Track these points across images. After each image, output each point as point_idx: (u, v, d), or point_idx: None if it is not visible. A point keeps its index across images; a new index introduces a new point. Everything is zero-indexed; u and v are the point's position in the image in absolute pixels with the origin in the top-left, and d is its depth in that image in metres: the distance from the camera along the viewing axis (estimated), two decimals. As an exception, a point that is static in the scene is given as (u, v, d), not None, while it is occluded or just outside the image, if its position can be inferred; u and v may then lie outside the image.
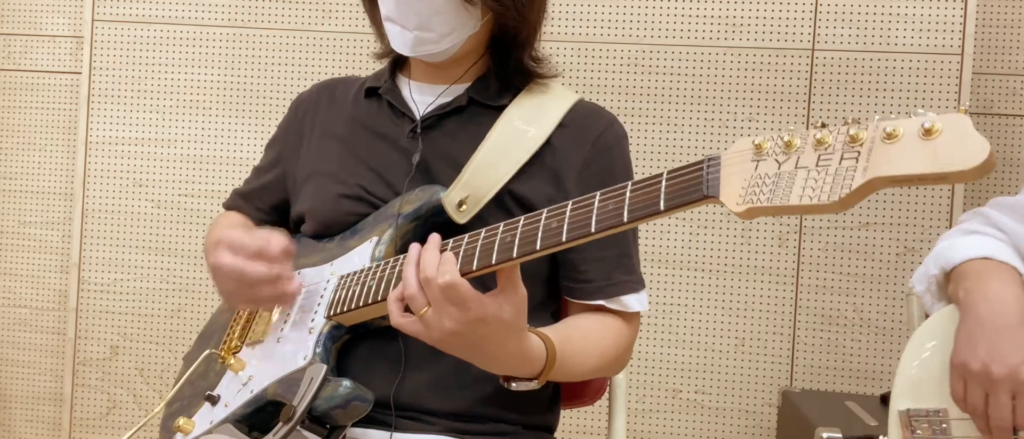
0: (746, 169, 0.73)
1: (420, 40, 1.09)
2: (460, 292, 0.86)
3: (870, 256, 2.09)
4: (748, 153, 0.73)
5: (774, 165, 0.71)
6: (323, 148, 1.20)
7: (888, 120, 0.67)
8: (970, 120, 0.64)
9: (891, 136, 0.66)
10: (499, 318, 0.89)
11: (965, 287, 1.15)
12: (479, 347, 0.91)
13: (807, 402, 1.85)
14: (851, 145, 0.68)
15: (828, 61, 2.09)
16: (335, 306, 1.03)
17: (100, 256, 2.28)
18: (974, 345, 1.09)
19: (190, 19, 2.25)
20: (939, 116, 0.65)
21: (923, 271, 1.26)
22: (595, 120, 1.15)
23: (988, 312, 1.10)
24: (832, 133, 0.69)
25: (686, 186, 0.76)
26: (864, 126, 0.68)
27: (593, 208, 0.82)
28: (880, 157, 0.66)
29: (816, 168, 0.69)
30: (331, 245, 1.13)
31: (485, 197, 1.06)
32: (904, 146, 0.65)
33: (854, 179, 0.66)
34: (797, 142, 0.71)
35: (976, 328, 1.10)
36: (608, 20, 2.14)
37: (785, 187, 0.69)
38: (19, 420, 2.38)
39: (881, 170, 0.65)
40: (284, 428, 0.94)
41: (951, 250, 1.22)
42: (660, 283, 2.14)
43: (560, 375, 1.03)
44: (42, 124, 2.36)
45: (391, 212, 1.08)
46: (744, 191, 0.71)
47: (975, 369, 1.08)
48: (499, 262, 0.87)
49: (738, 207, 0.71)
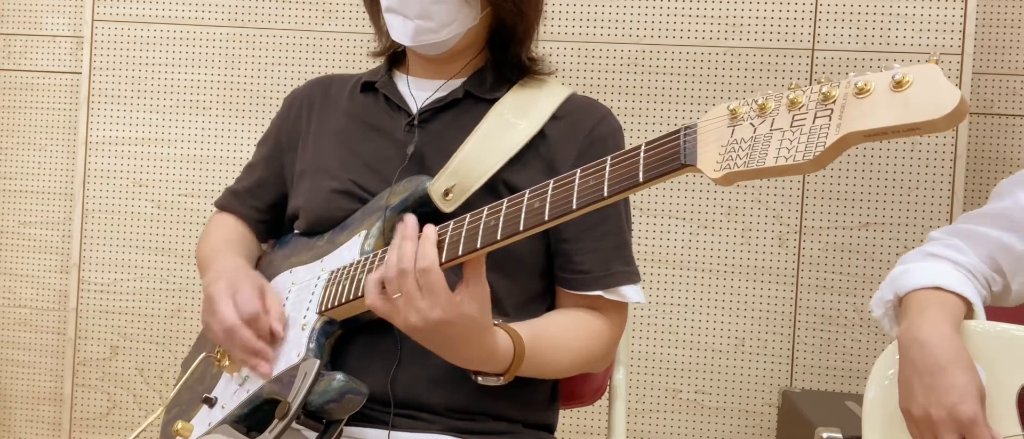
0: (722, 135, 0.72)
1: (420, 29, 1.10)
2: (432, 281, 0.88)
3: (870, 256, 2.09)
4: (723, 119, 0.73)
5: (749, 129, 0.71)
6: (319, 144, 1.20)
7: (860, 75, 0.67)
8: (941, 70, 0.64)
9: (863, 91, 0.65)
10: (463, 316, 0.90)
11: (903, 328, 1.16)
12: (442, 345, 0.93)
13: (807, 402, 1.84)
14: (824, 103, 0.68)
15: (828, 61, 2.09)
16: (326, 302, 1.03)
17: (100, 256, 2.28)
18: (912, 391, 1.11)
19: (190, 19, 2.25)
20: (909, 67, 0.65)
21: (880, 296, 1.27)
22: (590, 112, 1.16)
23: (920, 355, 1.11)
24: (805, 93, 0.69)
25: (664, 156, 0.75)
26: (837, 84, 0.68)
27: (574, 185, 0.82)
28: (853, 112, 0.65)
29: (790, 129, 0.68)
30: (322, 242, 1.13)
31: (473, 186, 1.06)
32: (876, 99, 0.65)
33: (828, 136, 0.65)
34: (771, 105, 0.70)
35: (912, 374, 1.11)
36: (608, 20, 2.14)
37: (761, 150, 0.69)
38: (19, 420, 2.38)
39: (854, 125, 0.65)
40: (280, 425, 0.94)
41: (905, 276, 1.24)
42: (660, 283, 2.14)
43: (532, 371, 1.03)
44: (42, 124, 2.36)
45: (379, 205, 1.08)
46: (721, 157, 0.71)
47: (918, 415, 1.10)
48: (484, 245, 0.87)
49: (715, 173, 0.71)
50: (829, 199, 2.10)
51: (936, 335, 1.12)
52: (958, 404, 1.06)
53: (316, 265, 1.10)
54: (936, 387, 1.08)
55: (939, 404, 1.07)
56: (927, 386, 1.09)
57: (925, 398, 1.09)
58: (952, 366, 1.09)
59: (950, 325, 1.14)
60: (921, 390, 1.09)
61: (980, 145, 2.18)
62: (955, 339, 1.12)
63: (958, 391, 1.07)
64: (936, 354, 1.10)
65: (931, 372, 1.09)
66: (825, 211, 2.10)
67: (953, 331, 1.13)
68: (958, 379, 1.08)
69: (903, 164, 2.08)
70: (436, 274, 0.88)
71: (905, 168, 2.08)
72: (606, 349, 1.13)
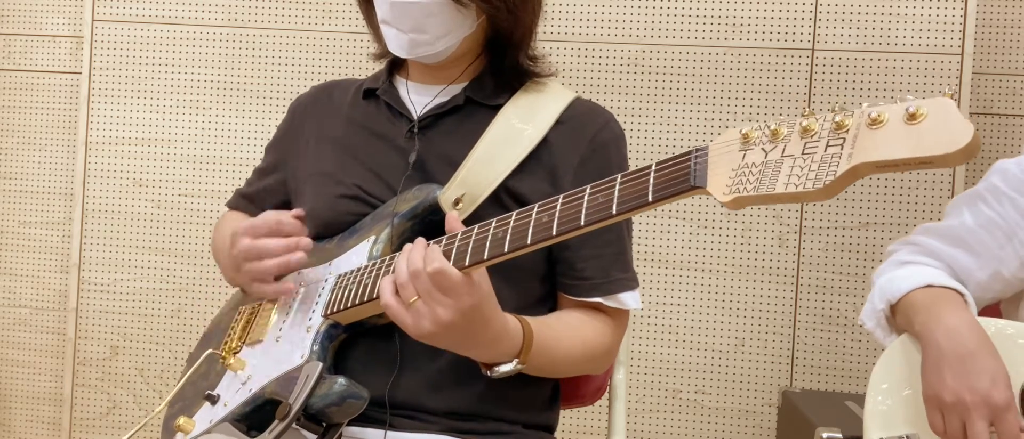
0: (733, 159, 0.73)
1: (415, 42, 1.10)
2: (450, 279, 0.88)
3: (870, 256, 2.09)
4: (735, 143, 0.73)
5: (761, 154, 0.71)
6: (321, 150, 1.20)
7: (874, 106, 0.67)
8: (954, 104, 0.64)
9: (876, 122, 0.66)
10: (483, 295, 0.91)
11: (920, 321, 1.17)
12: (470, 333, 0.92)
13: (807, 402, 1.84)
14: (837, 132, 0.68)
15: (828, 61, 2.09)
16: (332, 305, 1.03)
17: (100, 256, 2.29)
18: (942, 377, 1.11)
19: (190, 19, 2.25)
20: (924, 101, 0.65)
21: (870, 308, 1.29)
22: (592, 118, 1.16)
23: (948, 342, 1.12)
24: (818, 121, 0.69)
25: (674, 177, 0.76)
26: (850, 113, 0.68)
27: (583, 201, 0.82)
28: (865, 143, 0.65)
29: (802, 156, 0.69)
30: (330, 246, 1.13)
31: (481, 195, 1.06)
32: (889, 131, 0.65)
33: (839, 166, 0.66)
34: (784, 131, 0.71)
35: (941, 360, 1.12)
36: (608, 20, 2.14)
37: (772, 176, 0.69)
38: (19, 420, 2.38)
39: (866, 156, 0.65)
40: (279, 426, 0.95)
41: (893, 284, 1.25)
42: (660, 283, 2.14)
43: (542, 358, 1.03)
44: (42, 124, 2.36)
45: (388, 211, 1.08)
46: (731, 181, 0.71)
47: (949, 401, 1.10)
48: (491, 257, 0.87)
49: (725, 197, 0.71)
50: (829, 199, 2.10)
51: (961, 321, 1.13)
52: (991, 388, 1.07)
53: (323, 268, 1.11)
54: (968, 372, 1.09)
55: (973, 389, 1.08)
56: (958, 371, 1.09)
57: (957, 383, 1.09)
58: (981, 351, 1.10)
59: (968, 312, 1.16)
60: (952, 375, 1.10)
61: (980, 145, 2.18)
62: (978, 325, 1.14)
63: (990, 375, 1.08)
64: (964, 339, 1.11)
65: (961, 358, 1.10)
66: (825, 211, 2.10)
67: (973, 318, 1.15)
68: (989, 363, 1.09)
69: (903, 164, 2.08)
70: (450, 270, 0.88)
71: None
72: (607, 349, 1.13)
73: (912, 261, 1.29)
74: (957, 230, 1.28)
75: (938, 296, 1.19)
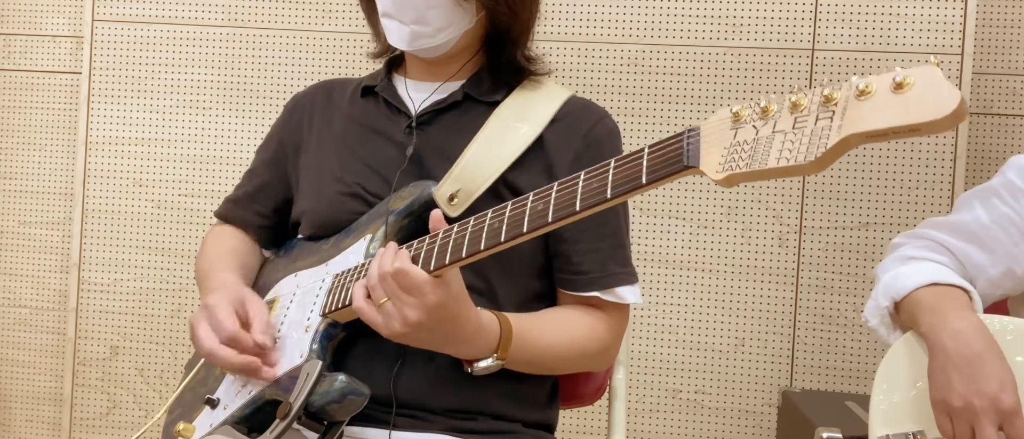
0: (725, 137, 0.73)
1: (416, 34, 1.11)
2: (412, 278, 0.90)
3: (870, 256, 2.09)
4: (726, 122, 0.74)
5: (752, 131, 0.72)
6: (321, 148, 1.20)
7: (861, 78, 0.67)
8: (940, 71, 0.65)
9: (864, 93, 0.66)
10: (451, 294, 0.92)
11: (926, 322, 1.16)
12: (440, 331, 0.94)
13: (807, 402, 1.84)
14: (826, 105, 0.68)
15: (828, 61, 2.09)
16: (330, 304, 1.03)
17: (100, 256, 2.29)
18: (949, 381, 1.10)
19: (190, 19, 2.25)
20: (910, 69, 0.66)
21: (874, 305, 1.28)
22: (587, 114, 1.17)
23: (955, 346, 1.11)
24: (808, 96, 0.70)
25: (667, 158, 0.76)
26: (838, 86, 0.69)
27: (577, 187, 0.82)
28: (854, 114, 0.66)
29: (793, 131, 0.69)
30: (327, 246, 1.14)
31: (477, 191, 1.07)
32: (877, 101, 0.66)
33: (829, 138, 0.66)
34: (774, 107, 0.71)
35: (947, 363, 1.11)
36: (608, 20, 2.14)
37: (763, 152, 0.70)
38: (19, 420, 2.38)
39: (855, 127, 0.65)
40: (280, 425, 0.95)
41: (898, 280, 1.24)
42: (660, 283, 2.14)
43: (526, 354, 1.03)
44: (42, 124, 2.36)
45: (384, 209, 1.08)
46: (724, 159, 0.72)
47: (958, 406, 1.09)
48: (488, 248, 0.88)
49: (717, 175, 0.71)
50: (829, 199, 2.10)
51: (967, 324, 1.12)
52: (1000, 392, 1.07)
53: (320, 269, 1.11)
54: (976, 375, 1.08)
55: (981, 393, 1.07)
56: (966, 375, 1.08)
57: (965, 387, 1.08)
58: (989, 354, 1.09)
59: (974, 314, 1.15)
60: (960, 379, 1.09)
61: (980, 145, 2.18)
62: (984, 327, 1.13)
63: (998, 379, 1.08)
64: (971, 343, 1.10)
65: (968, 361, 1.09)
66: (825, 211, 2.10)
67: (979, 320, 1.14)
68: (996, 366, 1.08)
69: (903, 164, 2.08)
70: (412, 270, 0.90)
71: (905, 168, 2.08)
72: (604, 347, 1.13)
73: (917, 257, 1.28)
74: (970, 225, 1.26)
75: (944, 295, 1.18)
